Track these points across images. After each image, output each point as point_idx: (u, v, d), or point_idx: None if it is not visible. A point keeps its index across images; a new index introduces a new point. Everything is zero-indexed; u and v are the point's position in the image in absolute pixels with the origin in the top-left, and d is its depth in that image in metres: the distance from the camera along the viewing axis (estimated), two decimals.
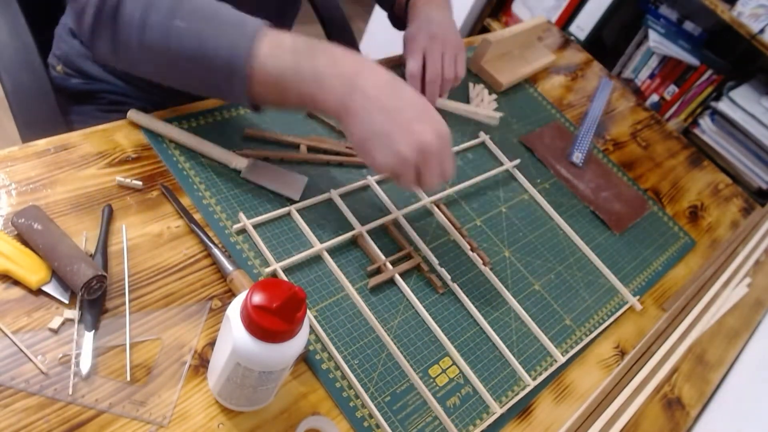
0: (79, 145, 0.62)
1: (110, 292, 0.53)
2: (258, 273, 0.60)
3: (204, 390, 0.50)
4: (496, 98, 0.96)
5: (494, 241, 0.75)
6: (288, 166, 0.70)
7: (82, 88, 0.86)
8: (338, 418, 0.53)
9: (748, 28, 1.57)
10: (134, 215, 0.59)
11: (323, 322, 0.58)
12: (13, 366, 0.46)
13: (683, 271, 0.86)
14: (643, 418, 0.66)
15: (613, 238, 0.84)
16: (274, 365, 0.44)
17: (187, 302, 0.55)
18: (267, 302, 0.41)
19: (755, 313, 0.85)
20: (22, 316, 0.49)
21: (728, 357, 0.78)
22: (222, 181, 0.65)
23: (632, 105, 1.15)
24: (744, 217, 1.03)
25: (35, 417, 0.44)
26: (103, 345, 0.50)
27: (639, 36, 1.87)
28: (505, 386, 0.61)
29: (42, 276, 0.50)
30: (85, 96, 0.86)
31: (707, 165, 1.11)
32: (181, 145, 0.66)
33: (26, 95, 0.75)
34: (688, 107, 1.83)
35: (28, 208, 0.53)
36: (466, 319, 0.65)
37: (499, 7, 2.06)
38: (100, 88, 0.86)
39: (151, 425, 0.47)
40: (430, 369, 0.60)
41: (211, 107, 0.72)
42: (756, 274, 0.91)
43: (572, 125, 1.00)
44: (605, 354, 0.70)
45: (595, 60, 1.22)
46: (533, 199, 0.83)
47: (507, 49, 1.03)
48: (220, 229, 0.61)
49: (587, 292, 0.75)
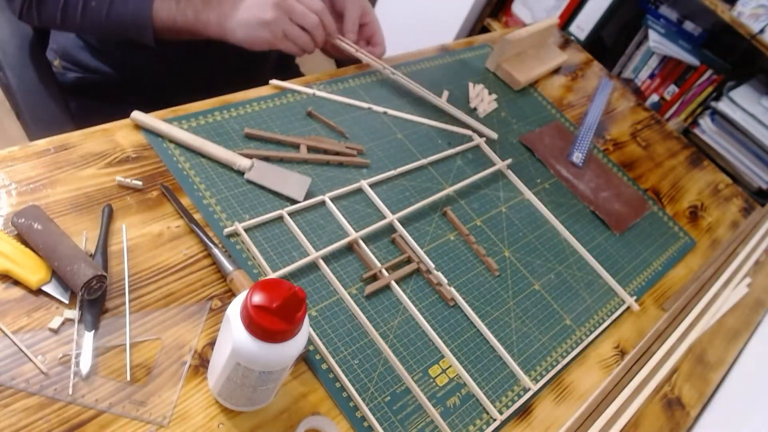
0: (79, 145, 0.62)
1: (110, 292, 0.53)
2: (258, 273, 0.60)
3: (204, 390, 0.50)
4: (496, 98, 0.96)
5: (494, 241, 0.75)
6: (288, 165, 0.70)
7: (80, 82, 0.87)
8: (338, 418, 0.53)
9: (748, 28, 1.57)
10: (134, 215, 0.59)
11: (323, 322, 0.59)
12: (13, 366, 0.46)
13: (683, 271, 0.86)
14: (643, 418, 0.66)
15: (613, 238, 0.84)
16: (274, 365, 0.44)
17: (187, 302, 0.55)
18: (267, 302, 0.41)
19: (755, 313, 0.85)
20: (22, 316, 0.49)
21: (728, 357, 0.78)
22: (222, 181, 0.65)
23: (632, 105, 1.15)
24: (744, 217, 1.03)
25: (35, 417, 0.44)
26: (103, 345, 0.50)
27: (639, 36, 1.87)
28: (505, 386, 0.61)
29: (42, 276, 0.50)
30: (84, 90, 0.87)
31: (707, 165, 1.11)
32: (182, 145, 0.66)
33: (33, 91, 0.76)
34: (688, 107, 1.83)
35: (28, 208, 0.53)
36: (465, 320, 0.65)
37: (499, 7, 2.07)
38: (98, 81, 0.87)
39: (151, 425, 0.47)
40: (430, 369, 0.60)
41: (211, 107, 0.72)
42: (756, 274, 0.91)
43: (572, 125, 1.00)
44: (605, 354, 0.70)
45: (595, 60, 1.22)
46: (532, 200, 0.83)
47: (522, 49, 1.04)
48: (220, 229, 0.61)
49: (587, 292, 0.75)
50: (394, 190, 0.74)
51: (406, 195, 0.74)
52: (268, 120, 0.74)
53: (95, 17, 0.73)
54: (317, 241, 0.64)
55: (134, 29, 0.74)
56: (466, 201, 0.77)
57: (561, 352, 0.67)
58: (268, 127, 0.73)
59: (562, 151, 0.93)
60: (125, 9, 0.72)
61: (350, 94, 0.83)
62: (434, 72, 0.94)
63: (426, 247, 0.69)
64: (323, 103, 0.80)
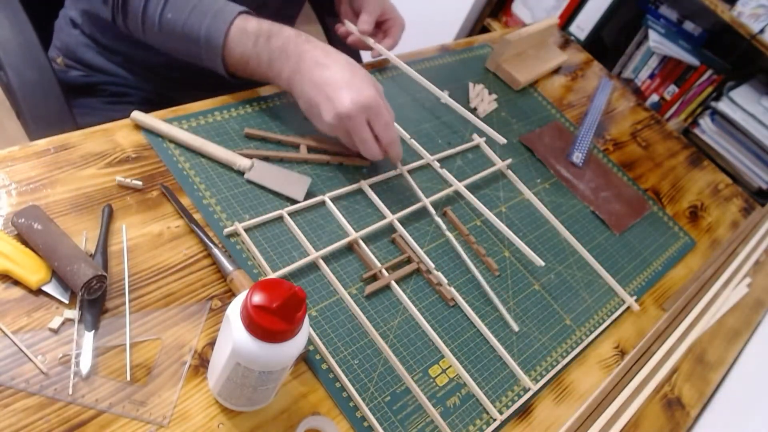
0: (79, 145, 0.62)
1: (110, 292, 0.53)
2: (258, 273, 0.60)
3: (204, 390, 0.50)
4: (496, 98, 0.96)
5: (494, 241, 0.75)
6: (288, 165, 0.70)
7: (82, 80, 0.86)
8: (338, 418, 0.53)
9: (748, 28, 1.57)
10: (134, 215, 0.59)
11: (323, 322, 0.59)
12: (13, 366, 0.46)
13: (683, 271, 0.86)
14: (643, 418, 0.66)
15: (613, 238, 0.84)
16: (274, 365, 0.44)
17: (187, 302, 0.55)
18: (267, 302, 0.41)
19: (755, 313, 0.85)
20: (22, 316, 0.49)
21: (728, 357, 0.78)
22: (222, 181, 0.65)
23: (632, 105, 1.15)
24: (744, 217, 1.03)
25: (35, 417, 0.44)
26: (103, 345, 0.50)
27: (639, 36, 1.87)
28: (505, 386, 0.61)
29: (42, 276, 0.50)
30: (86, 89, 0.87)
31: (707, 165, 1.11)
32: (182, 145, 0.66)
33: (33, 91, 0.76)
34: (688, 107, 1.83)
35: (28, 208, 0.53)
36: (465, 320, 0.65)
37: (499, 7, 2.07)
38: (101, 80, 0.86)
39: (151, 425, 0.47)
40: (430, 369, 0.60)
41: (211, 107, 0.72)
42: (756, 274, 0.91)
43: (572, 125, 1.00)
44: (605, 354, 0.70)
45: (595, 60, 1.22)
46: (532, 200, 0.83)
47: (522, 49, 1.04)
48: (220, 229, 0.61)
49: (587, 292, 0.75)
50: (394, 190, 0.74)
51: (406, 195, 0.74)
52: (268, 120, 0.74)
53: (172, 31, 0.68)
54: (317, 241, 0.64)
55: (206, 53, 0.68)
56: (466, 201, 0.77)
57: (561, 352, 0.67)
58: (269, 127, 0.73)
59: (562, 151, 0.93)
60: (199, 27, 0.67)
61: None
62: (434, 72, 0.94)
63: (426, 247, 0.69)
64: None
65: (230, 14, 0.67)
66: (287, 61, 0.67)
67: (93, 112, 0.86)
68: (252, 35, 0.67)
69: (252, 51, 0.67)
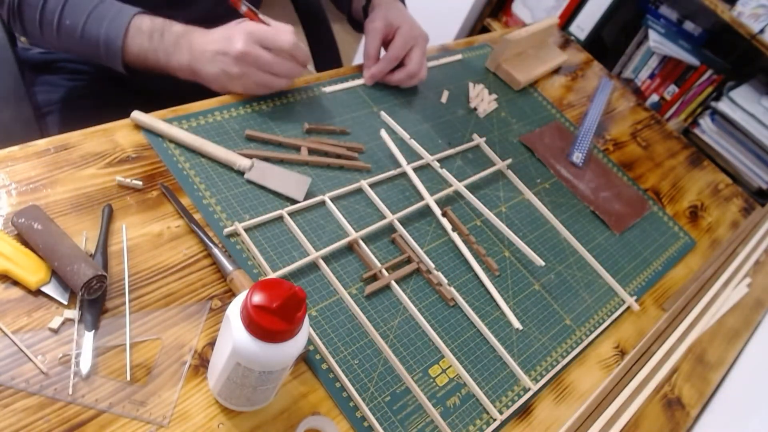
0: (79, 145, 0.62)
1: (110, 292, 0.53)
2: (258, 273, 0.60)
3: (204, 390, 0.50)
4: (496, 98, 0.96)
5: (494, 241, 0.75)
6: (288, 167, 0.70)
7: (42, 57, 0.90)
8: (338, 418, 0.53)
9: (748, 28, 1.57)
10: (134, 215, 0.59)
11: (323, 322, 0.59)
12: (13, 366, 0.46)
13: (683, 271, 0.86)
14: (643, 418, 0.66)
15: (613, 238, 0.84)
16: (274, 365, 0.44)
17: (187, 302, 0.55)
18: (267, 302, 0.41)
19: (755, 313, 0.85)
20: (22, 316, 0.49)
21: (728, 357, 0.78)
22: (222, 181, 0.65)
23: (632, 105, 1.15)
24: (744, 217, 1.03)
25: (35, 417, 0.44)
26: (103, 345, 0.50)
27: (639, 36, 1.87)
28: (505, 386, 0.61)
29: (42, 276, 0.50)
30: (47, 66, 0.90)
31: (707, 165, 1.11)
32: (182, 145, 0.66)
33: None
34: (688, 107, 1.83)
35: (28, 208, 0.53)
36: (465, 320, 0.65)
37: (499, 7, 2.07)
38: (59, 57, 0.89)
39: (151, 425, 0.47)
40: (430, 369, 0.60)
41: (211, 107, 0.72)
42: (756, 274, 0.91)
43: (572, 125, 1.00)
44: (605, 354, 0.70)
45: (595, 60, 1.22)
46: (532, 200, 0.83)
47: (522, 49, 1.04)
48: (220, 229, 0.61)
49: (587, 292, 0.75)
50: (394, 190, 0.74)
51: (406, 195, 0.74)
52: (268, 120, 0.74)
53: (71, 36, 0.70)
54: (317, 241, 0.64)
55: (105, 54, 0.71)
56: (466, 201, 0.77)
57: (561, 352, 0.67)
58: (269, 126, 0.73)
59: (562, 151, 0.93)
60: (98, 32, 0.69)
61: (351, 94, 0.83)
62: (434, 72, 0.94)
63: (426, 247, 0.69)
64: (324, 102, 0.80)
65: (126, 16, 0.70)
66: (182, 53, 0.70)
67: (55, 89, 0.88)
68: (146, 34, 0.70)
69: (149, 47, 0.70)
